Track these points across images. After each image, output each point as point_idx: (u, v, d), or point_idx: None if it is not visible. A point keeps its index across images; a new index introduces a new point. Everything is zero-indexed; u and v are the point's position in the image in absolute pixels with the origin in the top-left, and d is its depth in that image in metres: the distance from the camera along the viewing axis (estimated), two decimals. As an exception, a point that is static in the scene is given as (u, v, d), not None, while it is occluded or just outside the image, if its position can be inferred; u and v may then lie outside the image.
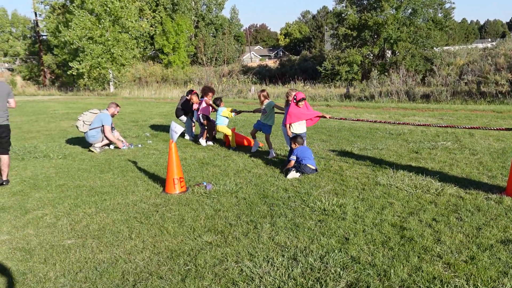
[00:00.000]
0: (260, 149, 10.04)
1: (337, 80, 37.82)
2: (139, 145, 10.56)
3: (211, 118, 11.03)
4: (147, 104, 25.52)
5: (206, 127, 10.78)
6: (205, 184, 6.87)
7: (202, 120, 10.76)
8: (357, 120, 8.19)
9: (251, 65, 62.68)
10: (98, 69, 36.05)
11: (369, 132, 11.61)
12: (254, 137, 9.57)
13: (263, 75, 48.45)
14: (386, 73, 29.34)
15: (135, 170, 8.11)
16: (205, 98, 10.99)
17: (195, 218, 5.41)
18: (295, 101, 7.86)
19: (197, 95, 11.46)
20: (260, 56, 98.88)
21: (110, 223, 5.31)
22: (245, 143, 10.36)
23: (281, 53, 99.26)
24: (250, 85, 32.42)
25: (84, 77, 36.44)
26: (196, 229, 5.05)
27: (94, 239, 4.86)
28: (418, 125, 8.01)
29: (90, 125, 9.97)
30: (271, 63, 64.34)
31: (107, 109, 10.30)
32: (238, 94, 29.15)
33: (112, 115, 10.32)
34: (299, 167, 7.32)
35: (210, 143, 10.67)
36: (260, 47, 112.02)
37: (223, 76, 33.06)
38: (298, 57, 58.52)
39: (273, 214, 5.45)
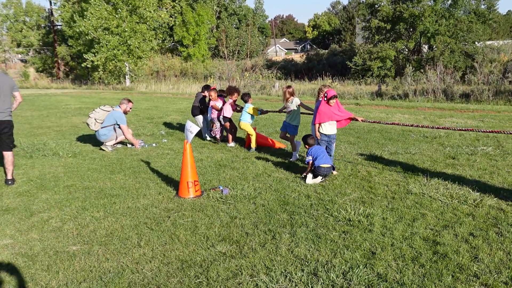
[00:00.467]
0: (284, 150, 9.97)
1: (368, 77, 37.51)
2: (153, 144, 10.61)
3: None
4: (164, 99, 25.70)
5: (230, 130, 10.75)
6: (221, 188, 6.84)
7: (223, 122, 10.70)
8: (392, 123, 8.04)
9: (275, 59, 62.66)
10: (113, 61, 36.51)
11: (401, 134, 11.43)
12: (286, 139, 9.35)
13: (288, 70, 48.40)
14: (422, 70, 28.95)
15: (147, 171, 8.13)
16: (230, 99, 10.90)
17: (209, 225, 5.37)
18: (325, 98, 7.74)
19: (216, 91, 11.42)
20: (286, 49, 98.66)
21: (118, 229, 5.31)
22: (269, 143, 10.29)
23: (309, 47, 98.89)
24: (274, 81, 32.38)
25: (99, 69, 36.97)
26: (210, 237, 5.00)
27: (100, 245, 4.86)
28: (457, 129, 7.82)
29: (102, 123, 10.02)
30: (298, 57, 64.20)
31: (119, 106, 10.36)
32: (261, 90, 29.12)
33: (125, 112, 10.38)
34: (315, 170, 7.23)
35: (233, 144, 10.66)
36: (286, 40, 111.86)
37: (246, 70, 33.07)
38: (326, 51, 58.26)
39: (293, 223, 5.38)
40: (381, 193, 6.50)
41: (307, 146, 7.59)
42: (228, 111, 10.74)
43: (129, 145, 10.41)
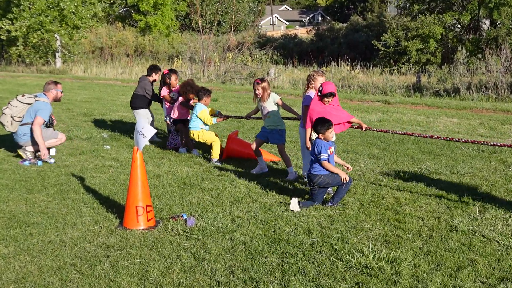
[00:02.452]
0: (278, 164, 10.01)
1: (403, 63, 37.80)
2: (51, 161, 10.11)
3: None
4: (109, 88, 25.74)
5: (186, 133, 11.07)
6: (185, 217, 6.85)
7: (171, 124, 11.15)
8: (412, 134, 8.13)
9: (272, 34, 62.99)
10: (39, 32, 36.48)
11: (446, 146, 11.55)
12: (258, 154, 9.49)
13: (289, 50, 48.69)
14: (480, 55, 29.24)
15: (80, 190, 8.13)
16: (182, 98, 11.30)
17: (165, 270, 5.38)
18: (319, 94, 7.82)
19: (177, 75, 11.64)
20: (287, 21, 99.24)
21: (34, 272, 5.31)
22: (252, 154, 10.35)
23: (320, 18, 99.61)
24: (269, 66, 32.48)
25: (18, 43, 36.88)
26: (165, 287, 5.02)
27: (7, 296, 4.86)
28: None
29: (20, 121, 10.00)
30: (303, 33, 64.56)
31: (44, 93, 10.24)
32: (249, 78, 29.21)
33: (57, 100, 10.46)
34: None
35: (196, 152, 10.85)
36: (288, 8, 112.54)
37: (229, 50, 33.18)
38: (345, 25, 58.69)
39: (285, 269, 5.40)
40: (413, 230, 6.54)
41: (320, 137, 7.59)
42: (176, 112, 11.21)
43: (52, 151, 10.27)
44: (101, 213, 7.09)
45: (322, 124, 7.53)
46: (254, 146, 9.33)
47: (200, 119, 10.33)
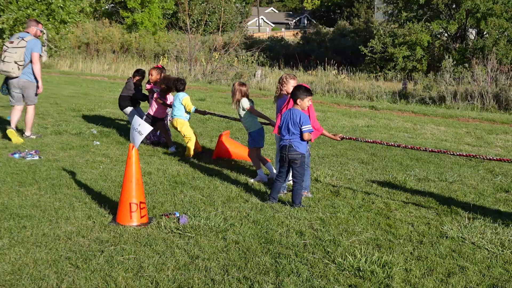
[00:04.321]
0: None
1: (389, 69, 37.99)
2: (34, 156, 10.31)
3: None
4: (96, 84, 25.65)
5: (165, 129, 11.43)
6: (177, 215, 6.89)
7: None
8: (395, 145, 8.24)
9: (259, 36, 63.04)
10: (25, 25, 36.23)
11: (434, 153, 11.64)
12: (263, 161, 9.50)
13: (276, 52, 48.76)
14: (467, 64, 29.49)
15: (72, 185, 8.14)
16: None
17: (160, 266, 5.43)
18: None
19: (160, 72, 11.77)
20: (273, 23, 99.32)
21: (30, 264, 5.33)
22: (243, 155, 10.40)
23: (306, 22, 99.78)
24: (255, 67, 32.52)
25: (4, 36, 36.60)
26: (160, 283, 5.06)
27: (4, 287, 4.87)
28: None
29: (23, 64, 10.96)
30: (290, 36, 64.72)
31: (26, 32, 11.34)
32: (235, 79, 29.25)
33: (36, 36, 11.37)
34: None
35: (173, 149, 11.09)
36: (274, 10, 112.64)
37: (215, 50, 33.20)
38: (331, 29, 58.87)
39: (279, 270, 5.46)
40: (403, 235, 6.63)
41: (299, 102, 7.61)
42: (154, 108, 11.41)
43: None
44: (94, 208, 7.12)
45: (303, 89, 7.61)
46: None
47: (183, 105, 10.48)
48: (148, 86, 11.85)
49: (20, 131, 11.34)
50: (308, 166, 8.18)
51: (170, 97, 11.40)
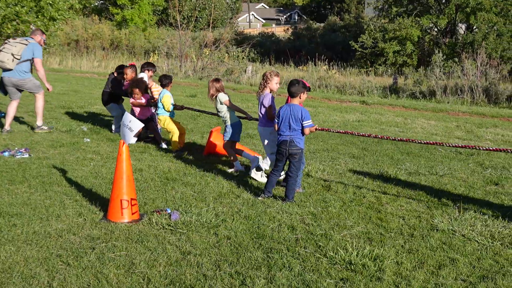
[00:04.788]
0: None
1: (380, 64, 38.10)
2: (22, 153, 10.24)
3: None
4: (86, 81, 25.58)
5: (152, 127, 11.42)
6: (169, 211, 6.89)
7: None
8: (366, 135, 8.27)
9: (249, 32, 62.98)
10: (14, 22, 36.07)
11: (425, 147, 11.70)
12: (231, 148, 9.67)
13: (266, 48, 48.77)
14: (457, 59, 29.60)
15: (62, 182, 8.12)
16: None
17: (152, 263, 5.43)
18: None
19: (135, 70, 11.95)
20: (264, 19, 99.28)
21: (20, 262, 5.32)
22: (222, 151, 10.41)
23: (297, 17, 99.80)
24: (246, 63, 32.51)
25: (-7, 33, 36.47)
26: (152, 280, 5.06)
27: (-6, 285, 4.87)
28: (493, 150, 8.13)
29: (20, 59, 11.40)
30: (281, 31, 64.72)
31: (31, 37, 11.81)
32: (226, 75, 29.29)
33: (40, 45, 11.89)
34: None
35: (164, 145, 11.08)
36: (265, 6, 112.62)
37: (206, 46, 33.16)
38: (322, 24, 58.91)
39: (271, 264, 5.48)
40: (394, 228, 6.66)
41: (301, 97, 7.75)
42: (136, 110, 11.40)
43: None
44: (85, 205, 7.12)
45: (302, 84, 7.74)
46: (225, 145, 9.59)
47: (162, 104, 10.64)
48: (126, 84, 11.85)
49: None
50: (303, 163, 8.24)
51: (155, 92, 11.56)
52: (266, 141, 8.66)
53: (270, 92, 8.56)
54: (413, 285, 5.12)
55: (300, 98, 7.69)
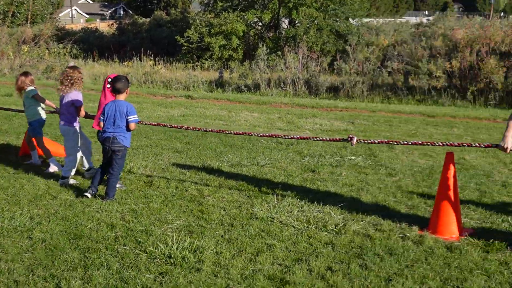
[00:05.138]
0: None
1: (206, 59, 38.43)
2: None
3: None
4: None
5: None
6: (-22, 217, 6.59)
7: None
8: (176, 126, 8.45)
9: (71, 27, 61.32)
10: None
11: (247, 139, 11.99)
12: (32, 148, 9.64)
13: (90, 44, 47.63)
14: (280, 52, 30.55)
15: None
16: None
17: (-43, 272, 5.16)
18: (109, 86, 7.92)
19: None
20: (87, 14, 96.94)
21: None
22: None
23: (122, 12, 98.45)
24: (68, 60, 31.64)
25: None
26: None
27: None
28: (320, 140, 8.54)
29: None
30: (105, 27, 63.51)
31: None
32: (47, 73, 28.34)
33: None
34: None
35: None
36: (88, 1, 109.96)
37: (24, 42, 31.87)
38: (148, 19, 58.48)
39: (88, 264, 5.40)
40: (215, 220, 6.78)
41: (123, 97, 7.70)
42: None
43: None
44: None
45: (126, 80, 7.75)
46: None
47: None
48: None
49: None
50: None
51: None
52: (69, 141, 8.47)
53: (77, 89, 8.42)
54: (232, 273, 5.25)
55: (127, 93, 7.70)
